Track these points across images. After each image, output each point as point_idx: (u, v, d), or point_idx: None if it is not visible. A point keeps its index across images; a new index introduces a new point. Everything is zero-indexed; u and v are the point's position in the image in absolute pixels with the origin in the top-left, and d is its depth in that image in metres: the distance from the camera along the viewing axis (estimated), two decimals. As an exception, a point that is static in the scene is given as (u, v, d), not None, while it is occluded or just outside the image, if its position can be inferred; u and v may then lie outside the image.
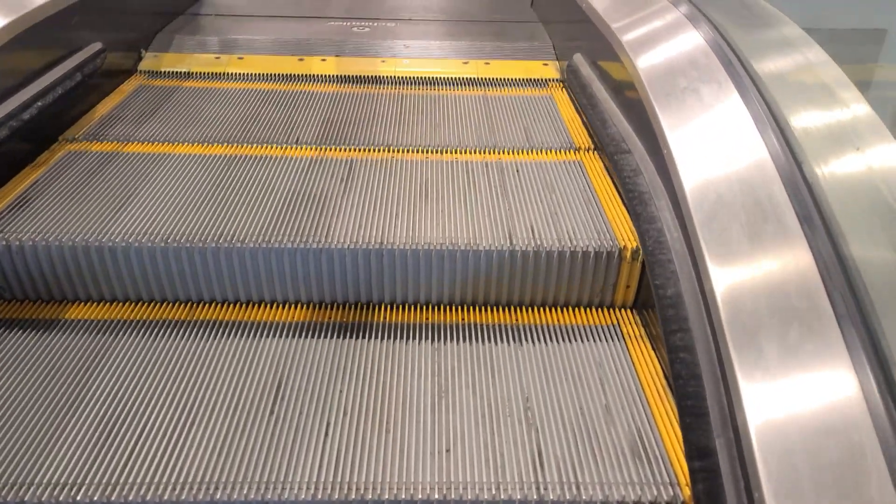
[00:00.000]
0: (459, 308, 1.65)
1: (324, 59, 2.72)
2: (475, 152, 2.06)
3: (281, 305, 1.64)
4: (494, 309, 1.65)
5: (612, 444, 1.27)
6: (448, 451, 1.26)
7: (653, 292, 1.31)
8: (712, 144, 1.38)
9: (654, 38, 1.76)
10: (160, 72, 2.58)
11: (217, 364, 1.46)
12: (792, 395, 0.98)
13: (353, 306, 1.64)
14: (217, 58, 2.69)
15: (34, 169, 1.85)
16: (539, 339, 1.54)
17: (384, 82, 2.58)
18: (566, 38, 2.77)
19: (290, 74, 2.59)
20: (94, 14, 2.32)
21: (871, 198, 1.24)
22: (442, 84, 2.58)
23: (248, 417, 1.33)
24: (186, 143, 2.03)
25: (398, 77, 2.61)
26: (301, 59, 2.71)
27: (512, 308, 1.65)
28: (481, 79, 2.62)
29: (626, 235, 1.62)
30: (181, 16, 3.12)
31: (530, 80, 2.62)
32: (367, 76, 2.61)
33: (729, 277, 1.13)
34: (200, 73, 2.58)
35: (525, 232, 1.64)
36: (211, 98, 2.36)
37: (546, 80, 2.64)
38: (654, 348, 1.51)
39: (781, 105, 1.38)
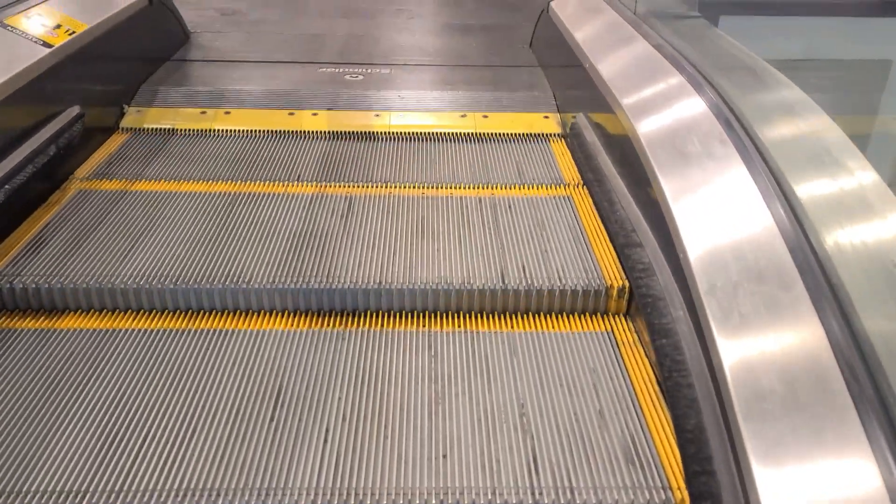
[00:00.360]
0: (455, 316, 1.68)
1: (315, 114, 2.60)
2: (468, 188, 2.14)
3: (280, 314, 1.66)
4: (490, 317, 1.67)
5: (606, 449, 1.29)
6: (445, 456, 1.28)
7: (672, 423, 1.20)
8: (735, 248, 1.27)
9: (665, 116, 1.65)
10: (142, 129, 2.47)
11: (217, 371, 1.48)
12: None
13: (350, 315, 1.67)
14: (203, 112, 2.57)
15: None
16: (534, 347, 1.57)
17: (378, 139, 2.47)
18: (567, 85, 2.66)
19: (280, 131, 2.48)
20: (71, 77, 2.21)
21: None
22: (439, 140, 2.48)
23: (248, 424, 1.35)
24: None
25: (393, 133, 2.50)
26: (291, 114, 2.59)
27: (507, 316, 1.67)
28: (479, 134, 2.51)
29: (612, 274, 1.69)
30: (168, 62, 3.01)
31: (530, 135, 2.51)
32: (361, 132, 2.49)
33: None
34: (185, 129, 2.46)
35: (517, 271, 1.71)
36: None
37: (547, 134, 2.53)
38: (646, 355, 1.51)
39: (810, 204, 1.28)
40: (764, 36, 3.31)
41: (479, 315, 1.67)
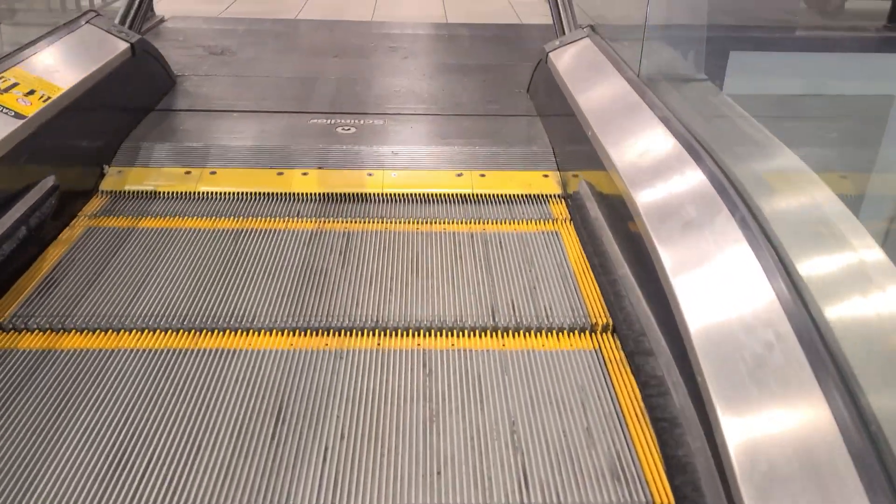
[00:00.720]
0: (449, 334, 1.75)
1: (305, 173, 2.49)
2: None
3: (281, 332, 1.73)
4: (482, 335, 1.75)
5: (593, 466, 1.35)
6: (439, 473, 1.33)
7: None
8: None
9: (677, 211, 1.55)
10: (123, 192, 2.35)
11: (220, 390, 1.53)
12: None
13: (349, 332, 1.73)
14: (187, 172, 2.46)
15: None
16: (524, 365, 1.63)
17: (371, 201, 2.36)
18: (567, 144, 2.56)
19: (268, 193, 2.37)
20: (45, 148, 2.09)
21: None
22: (434, 202, 2.37)
23: (251, 442, 1.40)
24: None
25: (386, 194, 2.39)
26: (280, 174, 2.48)
27: (498, 333, 1.74)
28: (476, 195, 2.41)
29: (597, 312, 1.79)
30: (153, 111, 2.89)
31: (530, 197, 2.41)
32: (353, 194, 2.38)
33: None
34: (168, 192, 2.35)
35: (507, 308, 1.81)
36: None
37: (546, 195, 2.42)
38: (632, 371, 1.56)
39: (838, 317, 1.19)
40: (770, 71, 3.25)
41: (472, 333, 1.75)
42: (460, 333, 1.73)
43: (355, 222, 2.20)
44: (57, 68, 2.25)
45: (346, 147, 2.66)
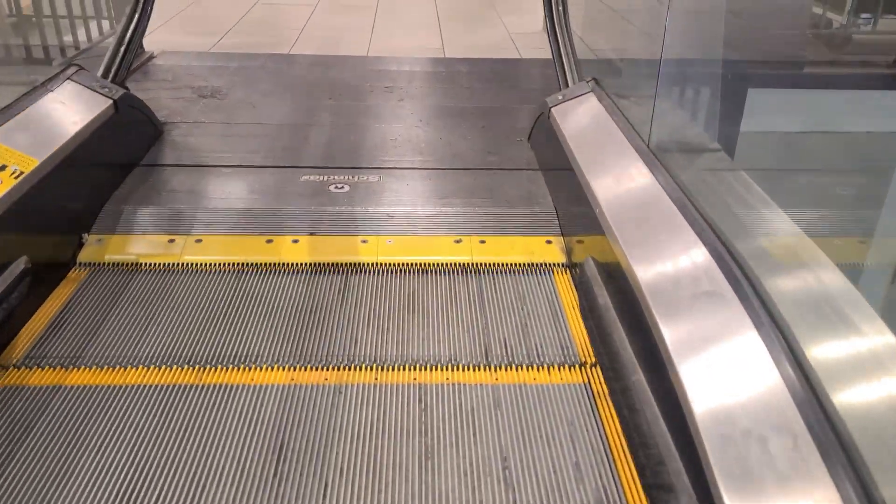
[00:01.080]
0: (444, 368, 1.82)
1: (296, 240, 2.37)
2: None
3: (282, 368, 1.80)
4: (476, 368, 1.83)
5: (582, 502, 1.41)
6: None
7: None
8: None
9: (696, 320, 1.43)
10: (102, 265, 2.22)
11: (224, 427, 1.60)
12: None
13: (347, 367, 1.80)
14: (171, 240, 2.33)
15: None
16: (516, 399, 1.71)
17: (365, 272, 2.24)
18: (570, 203, 2.44)
19: (256, 264, 2.25)
20: (17, 227, 1.97)
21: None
22: (431, 273, 2.25)
23: (254, 480, 1.47)
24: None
25: (381, 264, 2.27)
26: (270, 241, 2.35)
27: (492, 368, 1.82)
28: (476, 265, 2.29)
29: (585, 351, 1.89)
30: (137, 167, 2.77)
31: (532, 266, 2.29)
32: (346, 264, 2.26)
33: None
34: (150, 264, 2.22)
35: (499, 347, 1.90)
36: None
37: (550, 265, 2.30)
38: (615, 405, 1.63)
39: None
40: (787, 110, 3.15)
41: (466, 367, 1.83)
42: (455, 368, 1.82)
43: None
44: (33, 137, 2.13)
45: (340, 209, 2.53)
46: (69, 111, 2.35)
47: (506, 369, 1.84)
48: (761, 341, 1.33)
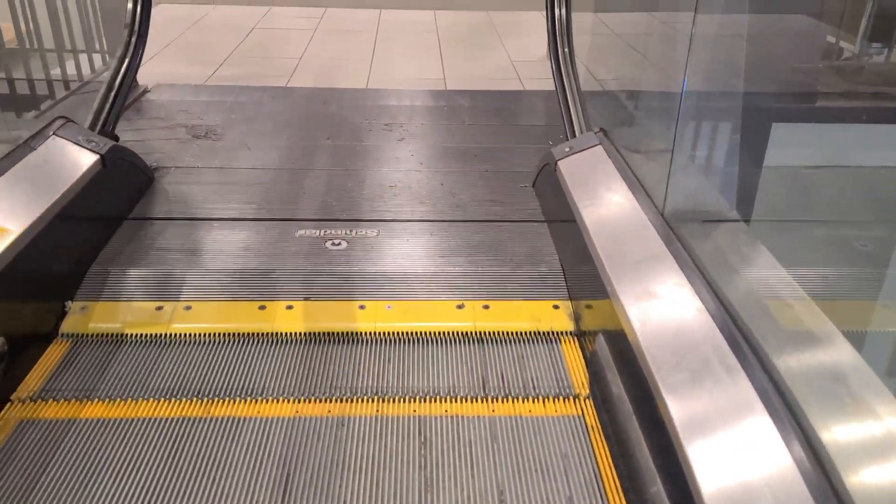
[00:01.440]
0: (443, 400, 1.89)
1: (290, 307, 2.25)
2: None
3: (287, 400, 1.88)
4: (473, 401, 1.90)
5: None
6: None
7: None
8: None
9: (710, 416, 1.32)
10: (85, 336, 2.11)
11: (232, 460, 1.67)
12: None
13: (350, 400, 1.88)
14: (159, 308, 2.22)
15: None
16: (512, 432, 1.78)
17: (362, 342, 2.13)
18: (576, 263, 2.33)
19: (247, 334, 2.13)
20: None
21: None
22: (432, 342, 2.14)
23: None
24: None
25: (379, 334, 2.15)
26: (262, 308, 2.24)
27: (489, 399, 1.90)
28: (479, 334, 2.17)
29: (580, 382, 1.96)
30: (126, 221, 2.66)
31: (538, 335, 2.18)
32: (343, 334, 2.15)
33: None
34: (136, 336, 2.11)
35: (496, 380, 1.97)
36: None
37: (557, 334, 2.19)
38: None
39: None
40: (810, 143, 3.06)
41: (463, 399, 1.90)
42: (453, 400, 1.89)
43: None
44: (13, 206, 2.02)
45: (337, 269, 2.42)
46: (53, 172, 2.25)
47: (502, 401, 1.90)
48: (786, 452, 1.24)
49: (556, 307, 2.30)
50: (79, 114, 2.77)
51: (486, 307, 2.29)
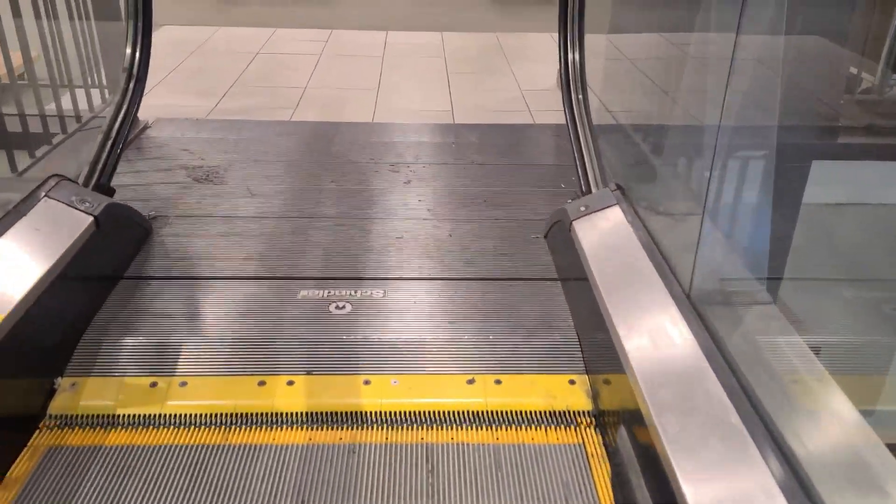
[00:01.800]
0: (449, 428, 1.98)
1: (291, 382, 2.13)
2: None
3: (300, 427, 1.97)
4: (478, 429, 1.98)
5: None
6: None
7: None
8: None
9: None
10: (75, 419, 2.00)
11: (250, 488, 1.75)
12: None
13: (361, 427, 1.98)
14: (153, 384, 2.11)
15: None
16: (515, 460, 1.86)
17: (368, 421, 2.01)
18: (592, 334, 2.20)
19: (245, 415, 2.02)
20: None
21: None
22: (440, 421, 2.03)
23: None
24: None
25: (386, 413, 2.04)
26: (262, 383, 2.13)
27: (493, 428, 1.98)
28: (490, 413, 2.05)
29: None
30: (122, 280, 2.55)
31: (553, 413, 2.06)
32: (347, 413, 2.03)
33: None
34: (128, 417, 2.00)
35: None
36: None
37: (573, 414, 2.07)
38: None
39: None
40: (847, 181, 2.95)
41: (469, 427, 1.99)
42: (459, 428, 1.97)
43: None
44: (2, 282, 1.91)
45: (341, 338, 2.30)
46: (44, 240, 2.14)
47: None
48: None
49: (572, 382, 2.17)
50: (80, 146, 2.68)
51: (498, 382, 2.17)
